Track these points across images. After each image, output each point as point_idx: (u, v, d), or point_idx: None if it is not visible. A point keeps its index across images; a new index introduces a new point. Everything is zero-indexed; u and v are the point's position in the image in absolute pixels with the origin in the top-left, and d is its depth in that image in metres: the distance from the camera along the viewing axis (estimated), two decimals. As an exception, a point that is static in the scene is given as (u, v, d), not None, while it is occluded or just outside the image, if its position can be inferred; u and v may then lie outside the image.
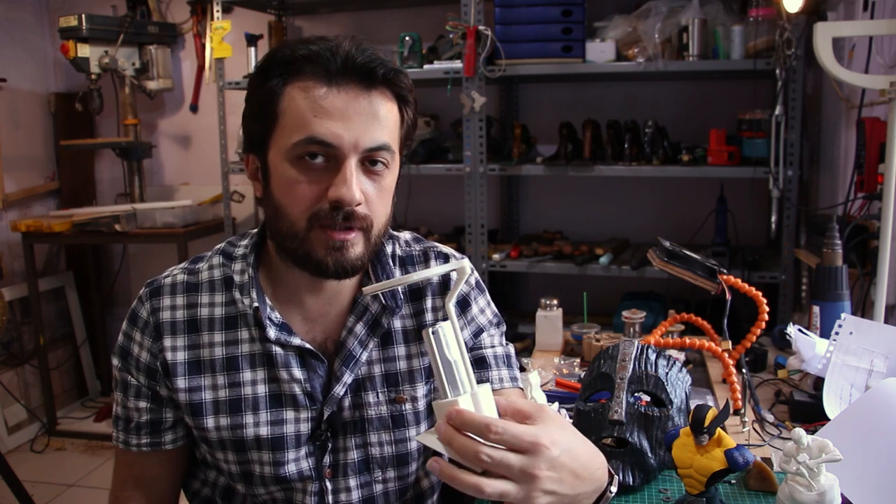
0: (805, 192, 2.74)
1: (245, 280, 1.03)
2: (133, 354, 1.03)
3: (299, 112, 0.92)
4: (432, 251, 1.13)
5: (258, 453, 1.01)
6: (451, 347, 0.75)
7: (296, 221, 0.94)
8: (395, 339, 1.06)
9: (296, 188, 0.93)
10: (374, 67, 0.93)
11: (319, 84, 0.92)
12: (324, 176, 0.93)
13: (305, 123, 0.92)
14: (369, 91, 0.94)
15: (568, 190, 3.26)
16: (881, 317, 1.56)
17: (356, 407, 1.04)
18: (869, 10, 2.03)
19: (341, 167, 0.92)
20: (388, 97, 0.96)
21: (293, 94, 0.93)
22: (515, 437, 0.70)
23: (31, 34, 3.77)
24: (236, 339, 1.02)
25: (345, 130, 0.91)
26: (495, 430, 0.70)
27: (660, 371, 1.19)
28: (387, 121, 0.95)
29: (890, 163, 1.49)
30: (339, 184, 0.91)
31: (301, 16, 3.50)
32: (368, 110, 0.93)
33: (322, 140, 0.91)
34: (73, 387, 3.82)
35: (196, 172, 3.78)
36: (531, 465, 0.70)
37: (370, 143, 0.93)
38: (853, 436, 1.04)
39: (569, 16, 2.63)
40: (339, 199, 0.91)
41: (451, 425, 0.71)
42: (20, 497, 2.47)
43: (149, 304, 1.03)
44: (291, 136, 0.93)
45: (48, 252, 3.79)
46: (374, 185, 0.96)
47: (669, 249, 1.47)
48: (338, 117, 0.91)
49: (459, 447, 0.70)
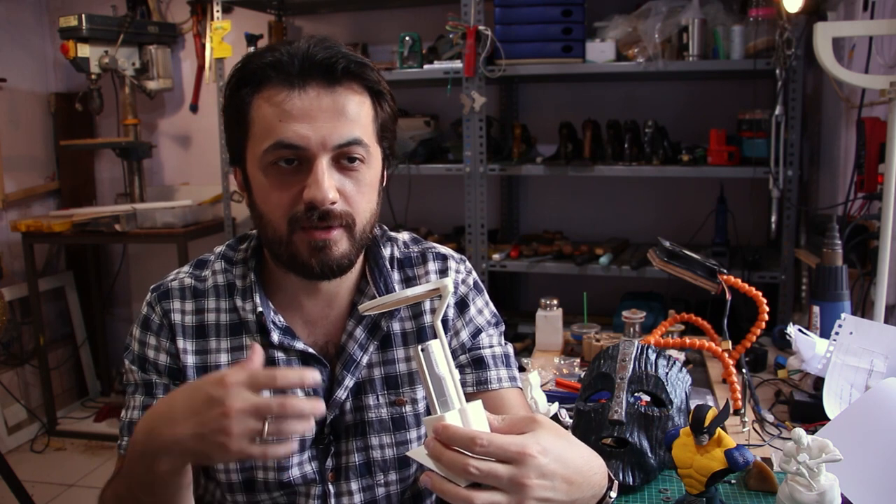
0: (805, 192, 2.74)
1: (247, 285, 1.03)
2: (150, 359, 1.02)
3: (266, 120, 0.93)
4: (430, 252, 1.12)
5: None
6: (440, 364, 0.75)
7: (277, 227, 0.95)
8: (395, 341, 1.06)
9: (272, 195, 0.94)
10: (335, 62, 0.93)
11: (282, 89, 0.92)
12: (297, 179, 0.93)
13: (272, 130, 0.92)
14: (333, 88, 0.93)
15: (568, 190, 3.26)
16: (881, 317, 1.56)
17: (357, 410, 1.04)
18: (869, 10, 2.03)
19: (312, 168, 0.92)
20: (356, 91, 0.95)
21: (260, 103, 0.94)
22: (501, 448, 0.71)
23: (31, 34, 3.77)
24: (241, 346, 1.02)
25: (311, 131, 0.91)
26: (480, 443, 0.70)
27: (660, 371, 1.19)
28: (357, 115, 0.94)
29: (890, 163, 1.49)
30: (311, 185, 0.92)
31: (301, 16, 3.50)
32: (333, 107, 0.93)
33: (289, 143, 0.91)
34: (73, 387, 3.82)
35: (196, 172, 3.78)
36: (519, 474, 0.71)
37: (339, 140, 0.93)
38: (853, 436, 1.04)
39: (569, 16, 2.63)
40: (312, 199, 0.91)
41: (439, 440, 0.72)
42: (20, 497, 2.47)
43: (159, 307, 1.03)
44: (261, 144, 0.93)
45: (48, 252, 3.79)
46: (351, 181, 0.95)
47: (669, 249, 1.47)
48: (303, 119, 0.92)
49: (448, 461, 0.71)
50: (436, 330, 0.76)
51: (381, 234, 1.11)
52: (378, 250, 1.08)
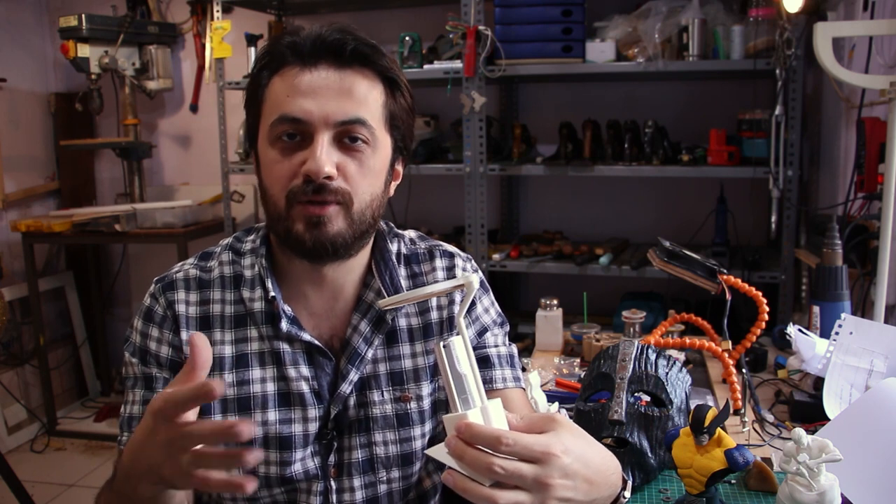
0: (805, 192, 2.74)
1: (255, 273, 1.03)
2: (152, 351, 1.01)
3: (276, 96, 0.96)
4: (437, 249, 1.13)
5: (265, 453, 1.00)
6: (462, 361, 0.74)
7: (277, 201, 0.96)
8: (401, 337, 1.06)
9: (274, 168, 0.96)
10: (344, 44, 0.95)
11: (294, 67, 0.95)
12: (298, 153, 0.95)
13: (280, 105, 0.95)
14: (342, 69, 0.95)
15: (568, 190, 3.26)
16: (881, 317, 1.56)
17: (361, 406, 1.03)
18: (869, 10, 2.03)
19: (313, 142, 0.93)
20: (367, 76, 0.97)
21: (274, 80, 0.97)
22: (527, 448, 0.70)
23: (31, 34, 3.77)
24: (245, 338, 1.02)
25: (315, 106, 0.93)
26: (506, 442, 0.69)
27: (660, 371, 1.19)
28: (364, 98, 0.96)
29: (890, 163, 1.49)
30: (309, 157, 0.93)
31: (301, 16, 3.50)
32: (340, 86, 0.95)
33: (292, 116, 0.93)
34: (72, 387, 3.82)
35: (196, 172, 3.78)
36: (544, 474, 0.70)
37: (342, 117, 0.94)
38: (853, 436, 1.04)
39: (569, 16, 2.63)
40: (308, 170, 0.92)
41: (462, 439, 0.71)
42: (20, 497, 2.46)
43: (163, 298, 1.02)
44: (269, 119, 0.96)
45: (48, 252, 3.79)
46: (354, 161, 0.96)
47: (669, 249, 1.47)
48: (308, 94, 0.94)
49: (471, 460, 0.70)
50: (458, 326, 0.75)
51: (388, 230, 1.11)
52: (385, 244, 1.08)
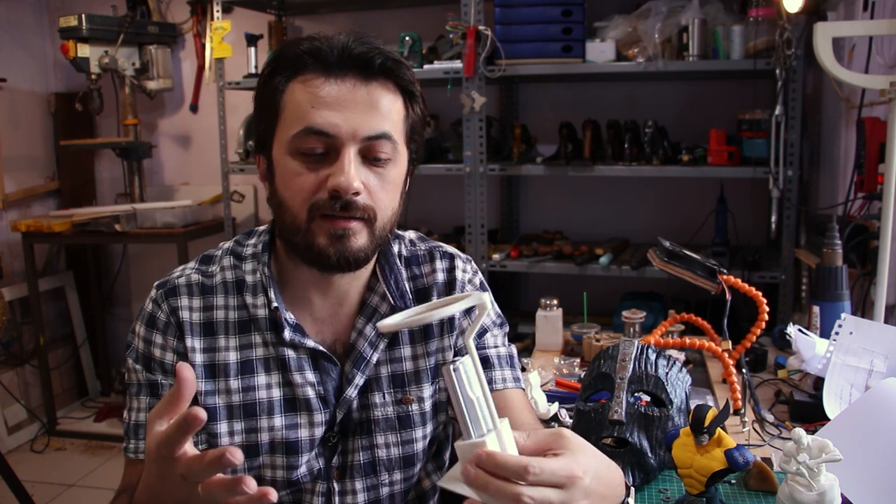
0: (805, 192, 2.74)
1: (258, 280, 1.01)
2: (157, 358, 1.00)
3: (299, 105, 0.93)
4: (437, 251, 1.12)
5: (271, 457, 1.00)
6: (473, 384, 0.71)
7: (297, 213, 0.94)
8: (402, 339, 1.06)
9: (296, 180, 0.93)
10: (372, 57, 0.93)
11: (318, 76, 0.93)
12: (323, 166, 0.93)
13: (304, 115, 0.92)
14: (368, 81, 0.94)
15: (568, 190, 3.26)
16: (881, 317, 1.56)
17: (363, 408, 1.03)
18: (869, 10, 2.03)
19: (340, 156, 0.92)
20: (390, 89, 0.96)
21: (294, 88, 0.94)
22: (553, 475, 0.69)
23: (31, 34, 3.77)
24: (250, 344, 1.01)
25: (342, 120, 0.91)
26: (533, 472, 0.67)
27: (660, 371, 1.19)
28: (389, 112, 0.95)
29: (890, 163, 1.49)
30: (336, 172, 0.91)
31: (301, 16, 3.50)
32: (367, 100, 0.93)
33: (320, 130, 0.91)
34: (72, 387, 3.82)
35: (196, 172, 3.78)
36: (570, 498, 0.69)
37: (369, 132, 0.93)
38: (853, 436, 1.04)
39: (569, 16, 2.63)
40: (337, 186, 0.91)
41: (483, 468, 0.68)
42: (20, 497, 2.46)
43: (166, 304, 1.01)
44: (291, 128, 0.93)
45: (48, 252, 3.79)
46: (376, 176, 0.95)
47: (669, 249, 1.47)
48: (335, 107, 0.92)
49: (497, 491, 0.67)
50: (467, 348, 0.71)
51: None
52: (389, 248, 1.08)
